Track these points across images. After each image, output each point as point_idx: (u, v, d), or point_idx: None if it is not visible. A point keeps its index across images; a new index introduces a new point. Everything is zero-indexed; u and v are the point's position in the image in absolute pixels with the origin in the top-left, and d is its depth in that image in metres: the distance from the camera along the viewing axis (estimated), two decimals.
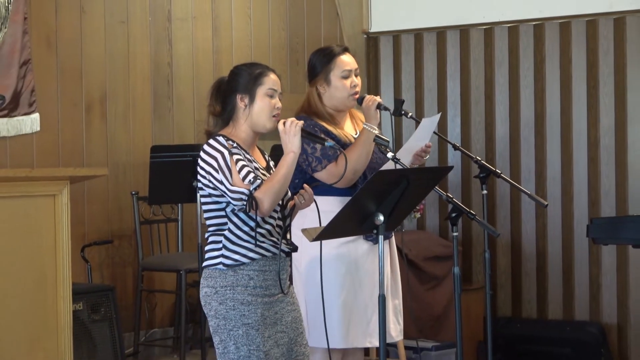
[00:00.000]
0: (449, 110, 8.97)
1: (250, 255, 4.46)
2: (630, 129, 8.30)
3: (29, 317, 4.21)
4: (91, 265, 7.46)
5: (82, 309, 6.31)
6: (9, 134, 7.21)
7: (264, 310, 4.47)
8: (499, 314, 8.76)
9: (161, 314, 8.14)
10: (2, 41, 7.17)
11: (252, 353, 4.44)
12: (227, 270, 4.46)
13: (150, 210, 7.91)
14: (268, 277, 4.48)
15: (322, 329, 4.88)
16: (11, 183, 4.24)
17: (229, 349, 4.47)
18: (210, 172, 4.44)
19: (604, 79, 8.39)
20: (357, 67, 5.32)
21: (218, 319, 4.48)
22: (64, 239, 4.31)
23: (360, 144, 5.14)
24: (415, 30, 9.16)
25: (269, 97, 4.54)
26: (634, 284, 8.31)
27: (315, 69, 5.30)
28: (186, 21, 8.28)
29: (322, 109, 5.27)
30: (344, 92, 5.25)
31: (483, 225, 4.85)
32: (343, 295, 5.08)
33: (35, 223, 4.25)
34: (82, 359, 6.23)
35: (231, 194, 4.39)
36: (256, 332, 4.44)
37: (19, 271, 4.19)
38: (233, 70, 4.64)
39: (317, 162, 5.13)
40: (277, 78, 4.60)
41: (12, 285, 4.17)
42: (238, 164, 4.41)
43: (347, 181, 5.11)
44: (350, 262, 5.16)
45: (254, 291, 4.45)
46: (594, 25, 8.43)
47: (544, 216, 8.62)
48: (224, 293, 4.46)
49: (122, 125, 7.89)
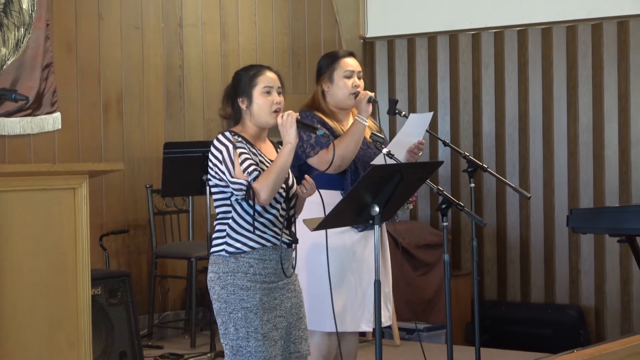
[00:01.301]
0: (440, 109, 8.97)
1: (250, 244, 4.43)
2: (607, 126, 8.30)
3: (51, 301, 4.21)
4: (108, 253, 7.46)
5: (100, 294, 6.31)
6: (33, 132, 7.21)
7: (263, 295, 4.44)
8: (485, 297, 8.76)
9: (173, 298, 8.14)
10: (26, 46, 7.17)
11: (250, 335, 4.42)
12: (229, 257, 4.44)
13: (163, 202, 7.90)
14: (268, 265, 4.46)
15: (320, 314, 4.88)
16: (35, 177, 4.23)
17: (229, 330, 4.46)
18: (216, 164, 4.44)
19: (582, 80, 8.39)
20: (360, 70, 5.31)
21: (220, 302, 4.47)
22: (83, 228, 4.31)
23: (350, 134, 5.13)
24: (408, 36, 9.16)
25: (266, 94, 4.52)
26: (610, 270, 8.31)
27: (322, 69, 5.31)
28: (196, 27, 8.27)
29: (324, 105, 5.27)
30: (346, 90, 5.24)
31: (471, 216, 4.84)
32: (337, 282, 5.06)
33: (56, 214, 4.25)
34: (100, 339, 6.23)
35: (232, 184, 4.39)
36: (254, 315, 4.42)
37: (42, 259, 4.19)
38: (233, 75, 4.63)
39: (310, 149, 5.12)
40: (273, 75, 4.56)
41: (35, 272, 4.16)
42: (241, 156, 4.40)
43: (336, 167, 5.08)
44: (343, 252, 5.15)
45: (253, 277, 4.43)
46: (573, 30, 8.42)
47: (527, 207, 8.62)
48: (225, 278, 4.45)
49: (137, 123, 7.89)
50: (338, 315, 4.99)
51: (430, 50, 9.07)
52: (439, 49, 9.02)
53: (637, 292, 8.16)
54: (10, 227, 4.07)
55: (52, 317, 4.19)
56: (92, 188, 4.40)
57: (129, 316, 6.47)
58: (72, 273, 4.26)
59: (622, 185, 8.25)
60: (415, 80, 9.15)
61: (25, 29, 7.18)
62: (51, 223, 4.22)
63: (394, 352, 7.35)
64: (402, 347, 7.55)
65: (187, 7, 8.20)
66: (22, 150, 7.17)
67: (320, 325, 4.94)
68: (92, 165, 5.17)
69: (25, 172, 4.27)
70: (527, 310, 8.53)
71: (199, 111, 8.27)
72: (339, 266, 5.10)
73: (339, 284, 5.10)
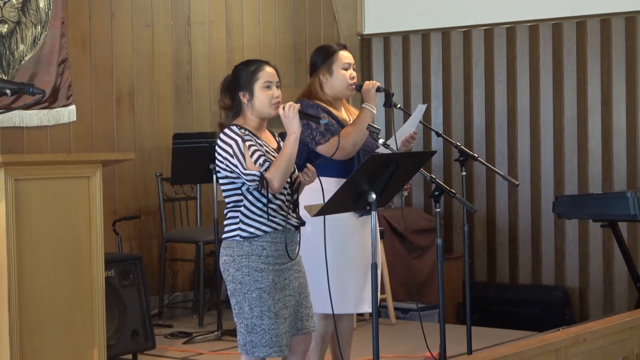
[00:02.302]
0: (433, 102, 8.96)
1: (263, 228, 4.45)
2: (590, 118, 8.30)
3: (67, 282, 4.21)
4: (121, 238, 7.46)
5: (114, 276, 6.31)
6: (49, 124, 7.21)
7: (275, 276, 4.46)
8: (476, 279, 8.76)
9: (182, 279, 8.15)
10: (43, 43, 7.16)
11: (264, 313, 4.44)
12: (243, 241, 4.45)
13: (173, 190, 7.90)
14: (279, 247, 4.47)
15: (319, 296, 4.87)
16: (51, 166, 4.23)
17: (244, 310, 4.47)
18: (226, 158, 4.44)
19: (567, 75, 8.39)
20: (354, 63, 5.31)
21: (235, 284, 4.48)
22: (97, 214, 4.31)
23: (360, 121, 5.11)
24: (403, 33, 9.15)
25: (266, 88, 4.52)
26: (593, 253, 8.32)
27: (319, 62, 5.28)
28: (203, 25, 8.26)
29: (322, 96, 5.25)
30: (344, 81, 5.23)
31: (462, 203, 4.84)
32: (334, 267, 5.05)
33: (72, 201, 4.25)
34: (114, 319, 6.23)
35: (245, 176, 4.39)
36: (268, 295, 4.44)
37: (59, 243, 4.19)
38: (234, 70, 4.62)
39: (320, 136, 5.08)
40: (272, 70, 4.56)
41: (52, 255, 4.17)
42: (250, 149, 4.41)
43: (347, 153, 5.06)
44: (339, 237, 5.14)
45: (266, 260, 4.45)
46: (559, 28, 8.41)
47: (515, 194, 8.62)
48: (240, 261, 4.46)
49: (147, 115, 7.88)
50: (337, 298, 4.99)
51: (424, 46, 9.06)
52: (432, 45, 9.01)
53: (619, 274, 8.16)
54: (29, 213, 4.07)
55: (68, 298, 4.20)
56: (105, 176, 4.40)
57: (140, 297, 6.48)
58: (87, 256, 4.26)
59: (604, 173, 8.25)
60: (410, 74, 9.14)
61: (42, 26, 7.17)
62: (67, 209, 4.22)
63: (390, 330, 7.36)
64: (397, 326, 7.56)
65: (194, 6, 8.19)
66: (40, 141, 7.17)
67: (318, 308, 4.93)
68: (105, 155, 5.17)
69: (42, 161, 4.27)
70: (515, 291, 8.54)
71: (206, 104, 8.27)
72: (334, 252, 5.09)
73: (339, 268, 5.10)
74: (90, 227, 4.27)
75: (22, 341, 4.01)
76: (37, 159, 4.37)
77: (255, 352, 4.46)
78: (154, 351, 6.62)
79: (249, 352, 4.48)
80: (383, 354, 6.07)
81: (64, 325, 4.17)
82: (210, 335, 7.10)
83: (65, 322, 4.17)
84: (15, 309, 3.99)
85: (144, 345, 6.49)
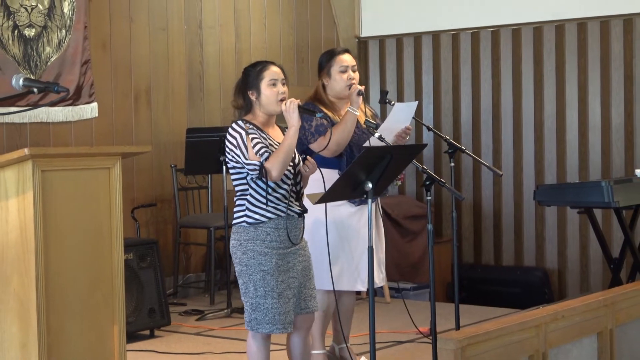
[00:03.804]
0: (424, 99, 8.95)
1: (267, 215, 4.45)
2: (568, 113, 8.29)
3: (90, 264, 4.20)
4: (139, 224, 7.46)
5: (132, 258, 6.31)
6: (73, 119, 7.21)
7: (278, 259, 4.46)
8: (463, 261, 8.76)
9: (195, 262, 8.14)
10: (67, 45, 7.16)
11: (267, 293, 4.44)
12: (249, 227, 4.46)
13: (186, 180, 7.90)
14: (282, 233, 4.47)
15: (322, 275, 4.89)
16: (75, 158, 4.22)
17: (249, 290, 4.48)
18: (232, 149, 4.45)
19: (547, 74, 8.38)
20: (354, 64, 5.31)
21: (241, 266, 4.48)
22: (117, 202, 4.29)
23: (343, 122, 5.14)
24: (397, 36, 9.13)
25: (272, 86, 4.53)
26: (570, 237, 8.32)
27: (322, 65, 5.31)
28: (214, 28, 8.25)
29: (325, 97, 5.27)
30: (342, 83, 5.24)
31: (451, 191, 4.84)
32: (334, 249, 5.06)
33: (94, 190, 4.24)
34: (132, 298, 6.24)
35: (247, 166, 4.41)
36: (271, 277, 4.44)
37: (82, 229, 4.18)
38: (243, 71, 4.64)
39: (311, 136, 5.14)
40: (277, 69, 4.57)
41: (76, 240, 4.16)
42: (253, 141, 4.41)
43: (332, 152, 5.11)
44: (339, 223, 5.15)
45: (270, 244, 4.45)
46: (539, 31, 8.40)
47: (500, 183, 8.62)
48: (246, 245, 4.46)
49: (163, 111, 7.88)
50: (336, 277, 5.00)
51: (416, 48, 9.05)
52: (423, 47, 9.00)
53: (594, 256, 8.16)
54: (54, 202, 4.06)
55: (90, 279, 4.19)
56: (124, 167, 4.39)
57: (156, 278, 6.48)
58: (108, 241, 4.25)
59: (581, 164, 8.25)
60: (403, 74, 9.12)
61: (67, 30, 7.16)
62: (89, 198, 4.21)
63: (385, 308, 7.36)
64: (391, 304, 7.56)
65: (206, 11, 8.18)
66: (64, 135, 7.17)
67: (320, 285, 4.96)
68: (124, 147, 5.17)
69: (67, 154, 4.25)
70: (499, 272, 8.54)
71: (217, 101, 8.26)
72: (336, 235, 5.11)
73: (338, 251, 5.11)
74: (110, 214, 4.26)
75: (48, 318, 4.01)
76: (62, 152, 4.36)
77: (259, 329, 4.47)
78: (169, 327, 6.64)
79: (254, 328, 4.49)
80: (378, 330, 6.07)
81: (87, 303, 4.16)
82: (221, 312, 7.11)
83: (88, 301, 4.17)
84: (42, 289, 3.99)
85: (160, 322, 6.50)
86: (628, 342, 4.78)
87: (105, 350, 4.25)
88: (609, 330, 4.59)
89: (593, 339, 4.53)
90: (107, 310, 4.25)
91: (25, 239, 4.02)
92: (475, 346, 3.81)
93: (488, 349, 3.88)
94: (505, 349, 3.97)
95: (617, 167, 8.07)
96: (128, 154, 4.51)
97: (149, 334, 6.45)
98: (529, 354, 4.10)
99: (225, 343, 6.29)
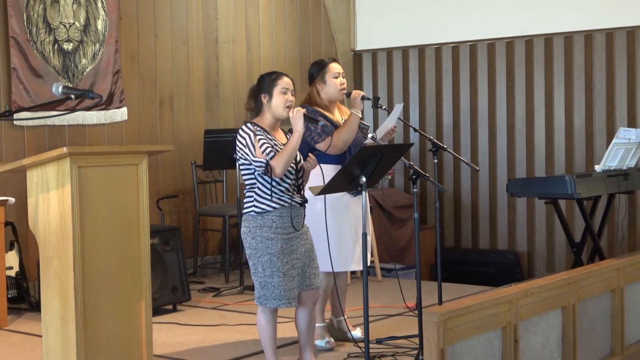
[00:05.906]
0: (411, 104, 8.95)
1: (273, 205, 4.45)
2: (536, 117, 8.29)
3: (120, 248, 4.20)
4: (163, 212, 7.46)
5: (157, 243, 6.31)
6: (106, 122, 7.20)
7: (283, 243, 4.46)
8: (445, 245, 8.76)
9: (212, 246, 8.14)
10: (100, 57, 7.15)
11: (274, 273, 4.44)
12: (257, 215, 4.46)
13: (204, 174, 7.89)
14: (286, 221, 4.47)
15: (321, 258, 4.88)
16: (107, 156, 4.22)
17: (258, 270, 4.48)
18: (242, 148, 4.45)
19: (518, 83, 8.37)
20: (343, 72, 5.32)
21: (251, 249, 4.49)
22: (143, 194, 4.29)
23: (349, 123, 5.13)
24: (387, 49, 9.12)
25: (283, 93, 4.53)
26: (538, 225, 8.32)
27: (315, 73, 5.29)
28: (228, 43, 8.24)
29: (319, 101, 5.26)
30: (336, 87, 5.24)
31: (434, 184, 4.83)
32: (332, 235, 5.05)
33: (123, 184, 4.23)
34: (157, 277, 6.24)
35: (254, 162, 4.40)
36: (277, 258, 4.44)
37: (113, 218, 4.18)
38: (259, 77, 4.65)
39: (318, 136, 5.11)
40: (289, 80, 4.59)
41: (108, 227, 4.16)
42: (260, 141, 4.42)
43: (339, 149, 5.10)
44: (337, 212, 5.14)
45: (275, 230, 4.45)
46: (511, 45, 8.39)
47: (477, 178, 8.62)
48: (254, 231, 4.46)
49: (184, 115, 7.87)
50: (334, 259, 4.99)
51: (404, 60, 9.04)
52: (410, 59, 8.98)
53: (559, 241, 8.16)
54: (89, 194, 4.06)
55: (121, 261, 4.19)
56: (150, 164, 4.38)
57: (178, 259, 6.48)
58: (136, 228, 4.25)
59: (547, 161, 8.24)
60: (393, 82, 9.11)
61: (100, 44, 7.15)
62: (120, 190, 4.20)
63: (377, 286, 7.35)
64: (382, 282, 7.55)
65: (221, 28, 8.17)
66: (98, 136, 7.16)
67: (322, 267, 4.94)
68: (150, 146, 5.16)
69: (100, 152, 4.25)
70: (476, 255, 8.53)
71: (230, 107, 8.26)
72: (334, 222, 5.09)
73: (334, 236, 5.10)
74: (138, 204, 4.26)
75: (84, 295, 4.01)
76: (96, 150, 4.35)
77: (267, 304, 4.48)
78: (190, 303, 6.63)
79: (263, 303, 4.49)
80: (371, 305, 6.07)
81: (117, 283, 4.16)
82: (234, 289, 7.11)
83: (119, 281, 4.16)
84: (79, 270, 3.99)
85: (182, 298, 6.50)
86: (588, 315, 4.78)
87: (134, 322, 4.25)
88: (571, 305, 4.59)
89: (558, 312, 4.53)
90: (136, 288, 4.25)
91: (64, 226, 4.02)
92: (456, 319, 3.81)
93: (467, 321, 3.88)
94: (481, 321, 3.97)
95: (579, 163, 8.06)
96: (153, 152, 4.50)
97: (172, 308, 6.45)
98: (502, 325, 4.10)
99: (239, 316, 6.29)
